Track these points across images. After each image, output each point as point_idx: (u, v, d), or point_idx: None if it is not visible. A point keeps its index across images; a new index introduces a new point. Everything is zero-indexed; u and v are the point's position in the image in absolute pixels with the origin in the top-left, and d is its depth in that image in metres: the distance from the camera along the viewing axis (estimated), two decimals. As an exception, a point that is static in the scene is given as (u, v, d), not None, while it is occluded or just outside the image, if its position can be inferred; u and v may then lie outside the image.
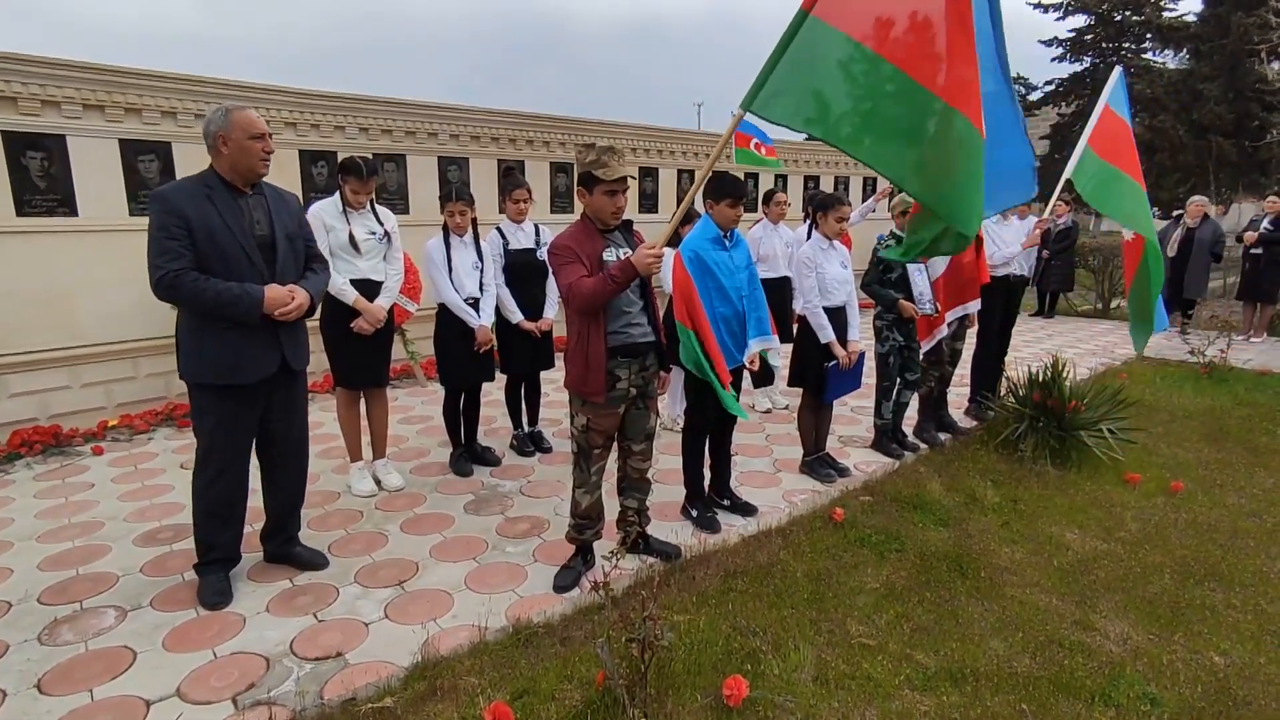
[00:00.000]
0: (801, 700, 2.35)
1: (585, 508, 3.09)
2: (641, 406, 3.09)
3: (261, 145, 2.82)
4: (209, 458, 2.93)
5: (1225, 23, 17.70)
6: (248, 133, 2.78)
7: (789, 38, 2.39)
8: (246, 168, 2.82)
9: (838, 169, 11.87)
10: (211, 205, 2.77)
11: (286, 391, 3.06)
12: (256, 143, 2.81)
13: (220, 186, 2.82)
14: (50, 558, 3.35)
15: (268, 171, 2.91)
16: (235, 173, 2.83)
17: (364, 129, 6.59)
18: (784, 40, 2.40)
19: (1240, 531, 3.65)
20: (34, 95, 4.85)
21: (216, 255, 2.75)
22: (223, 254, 2.76)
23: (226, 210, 2.79)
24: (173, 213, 2.70)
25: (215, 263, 2.75)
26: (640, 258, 2.69)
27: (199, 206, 2.74)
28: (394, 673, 2.51)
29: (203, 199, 2.76)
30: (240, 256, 2.79)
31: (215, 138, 2.78)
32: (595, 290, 2.75)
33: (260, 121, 2.84)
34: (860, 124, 2.46)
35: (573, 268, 2.81)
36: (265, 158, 2.86)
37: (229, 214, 2.79)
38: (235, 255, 2.78)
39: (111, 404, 5.36)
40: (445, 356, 4.32)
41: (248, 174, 2.85)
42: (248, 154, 2.80)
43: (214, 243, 2.75)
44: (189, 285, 2.69)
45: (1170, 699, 2.41)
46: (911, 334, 4.58)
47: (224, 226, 2.77)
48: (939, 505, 3.88)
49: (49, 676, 2.50)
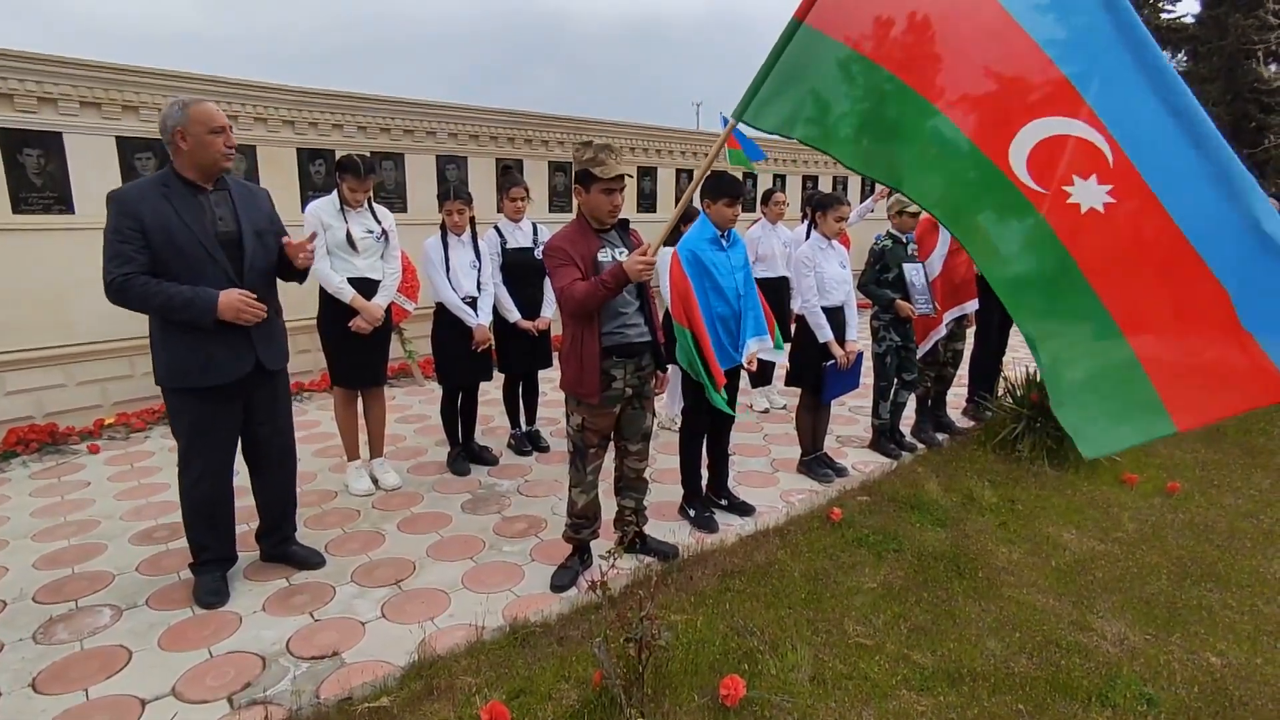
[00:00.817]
0: (799, 700, 2.35)
1: (582, 507, 3.09)
2: (638, 406, 3.08)
3: (223, 140, 2.71)
4: (189, 460, 2.90)
5: (1224, 24, 17.72)
6: (207, 126, 2.68)
7: (781, 47, 2.36)
8: (208, 163, 2.73)
9: (836, 169, 11.87)
10: (168, 204, 2.68)
11: (266, 392, 3.00)
12: (217, 137, 2.70)
13: (178, 184, 2.73)
14: (46, 556, 3.34)
15: (231, 166, 2.81)
16: (196, 169, 2.74)
17: (362, 127, 6.58)
18: (776, 49, 2.37)
19: (1237, 532, 3.66)
20: (30, 92, 4.83)
21: (175, 255, 2.67)
22: (181, 254, 2.68)
23: (185, 209, 2.70)
24: (127, 214, 2.63)
25: (174, 263, 2.67)
26: (631, 264, 2.68)
27: (155, 206, 2.66)
28: (390, 672, 2.50)
29: (159, 198, 2.68)
30: (201, 255, 2.71)
31: (173, 133, 2.68)
32: (587, 296, 2.74)
33: (220, 115, 2.73)
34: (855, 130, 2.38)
35: (566, 270, 2.80)
36: (227, 152, 2.74)
37: (187, 212, 2.70)
38: (195, 254, 2.70)
39: (107, 402, 5.34)
40: (443, 355, 4.31)
41: (209, 169, 2.75)
42: (208, 149, 2.70)
43: (172, 243, 2.67)
44: (138, 289, 2.62)
45: (1167, 699, 2.41)
46: (908, 334, 4.59)
47: (182, 226, 2.68)
48: (936, 505, 3.88)
49: (44, 675, 2.49)
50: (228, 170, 2.82)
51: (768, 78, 2.40)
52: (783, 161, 10.99)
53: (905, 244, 4.57)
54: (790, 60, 2.39)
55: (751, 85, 2.43)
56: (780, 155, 10.92)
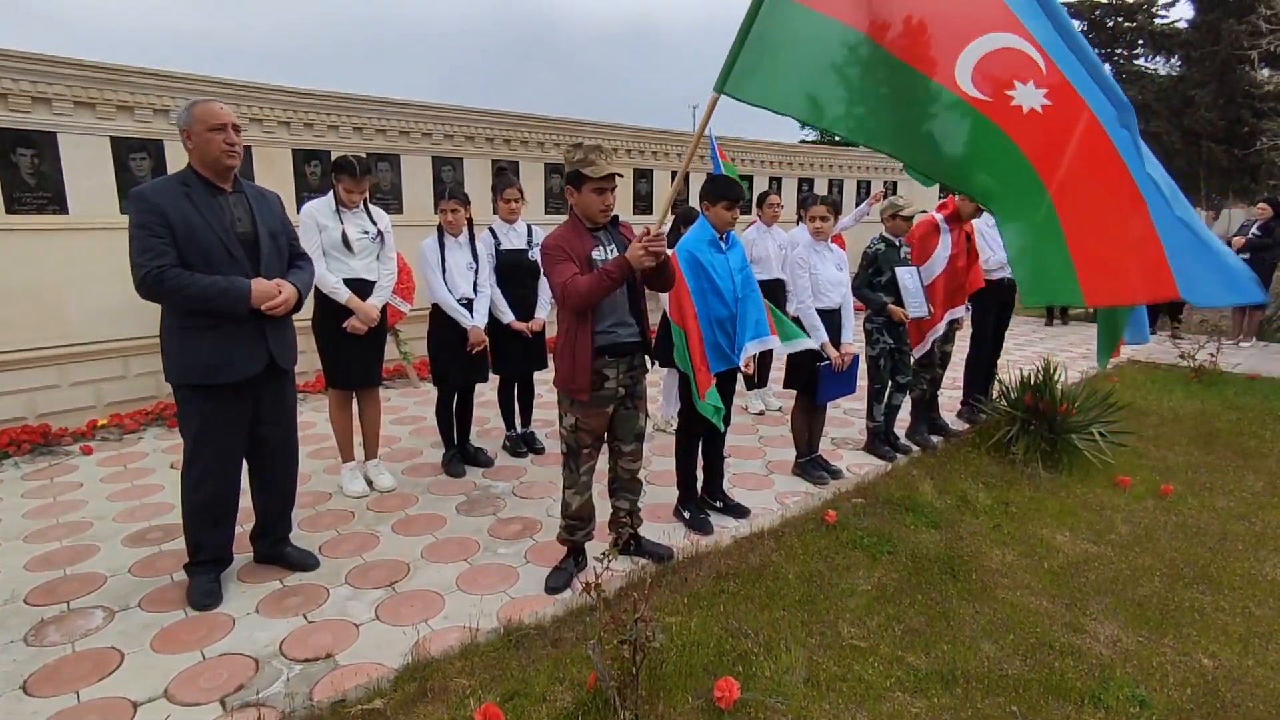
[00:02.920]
0: (793, 702, 2.35)
1: (576, 508, 3.09)
2: (630, 407, 3.09)
3: (223, 137, 2.73)
4: (196, 459, 2.90)
5: (1216, 29, 17.82)
6: (207, 125, 2.71)
7: (751, 16, 2.35)
8: (211, 160, 2.76)
9: (831, 172, 11.91)
10: (190, 203, 2.72)
11: (275, 391, 3.03)
12: (217, 134, 2.73)
13: (198, 183, 2.77)
14: (38, 558, 3.32)
15: (236, 164, 2.82)
16: (206, 168, 2.78)
17: (358, 128, 6.57)
18: (748, 18, 2.36)
19: (1229, 534, 3.67)
20: (24, 92, 4.81)
21: (198, 253, 2.71)
22: (204, 251, 2.72)
23: (205, 207, 2.74)
24: (152, 210, 2.66)
25: (197, 260, 2.71)
26: (633, 250, 2.71)
27: (178, 204, 2.70)
28: (384, 674, 2.50)
29: (181, 196, 2.72)
30: (222, 253, 2.75)
31: (182, 133, 2.75)
32: (591, 287, 2.75)
33: (222, 113, 2.75)
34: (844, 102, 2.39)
35: (565, 266, 2.81)
36: (228, 150, 2.76)
37: (208, 211, 2.74)
38: (217, 252, 2.74)
39: (101, 403, 5.32)
40: (438, 357, 4.31)
41: (215, 167, 2.78)
42: (210, 146, 2.73)
43: (195, 240, 2.70)
44: (173, 281, 2.65)
45: (1159, 701, 2.42)
46: (902, 337, 4.60)
47: (204, 224, 2.72)
48: (931, 507, 3.89)
49: (35, 677, 2.48)
50: (233, 167, 2.83)
51: (742, 49, 2.39)
52: (778, 164, 11.01)
53: (898, 247, 4.58)
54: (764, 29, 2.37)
55: (728, 57, 2.41)
56: (776, 158, 10.95)
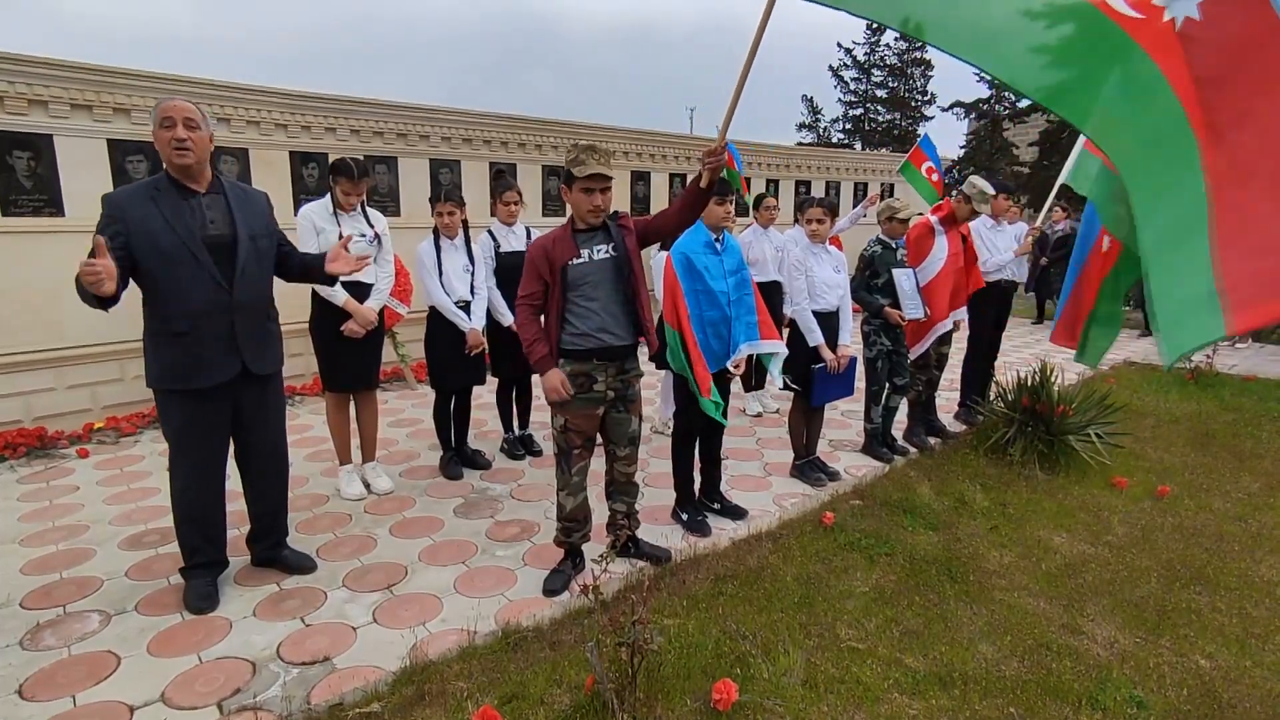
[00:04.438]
0: (790, 704, 2.35)
1: (570, 510, 3.08)
2: (622, 410, 3.08)
3: (170, 134, 2.65)
4: (178, 463, 2.89)
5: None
6: (158, 122, 2.67)
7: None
8: (165, 159, 2.72)
9: (828, 174, 11.93)
10: (154, 206, 2.69)
11: (255, 396, 2.98)
12: (165, 132, 2.65)
13: (168, 186, 2.73)
14: (33, 561, 3.31)
15: (189, 162, 2.71)
16: (170, 168, 2.74)
17: (355, 131, 6.57)
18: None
19: (1226, 535, 3.68)
20: (21, 94, 4.81)
21: (158, 257, 2.67)
22: (164, 256, 2.68)
23: (171, 211, 2.70)
24: (109, 215, 2.65)
25: (157, 265, 2.68)
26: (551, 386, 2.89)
27: (142, 208, 2.67)
28: (382, 677, 2.49)
29: (146, 200, 2.69)
30: (184, 257, 2.70)
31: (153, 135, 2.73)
32: (525, 339, 2.94)
33: (173, 109, 2.66)
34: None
35: (529, 281, 2.94)
36: (178, 147, 2.66)
37: (173, 214, 2.70)
38: (179, 256, 2.69)
39: (97, 406, 5.31)
40: (436, 359, 4.31)
41: (174, 167, 2.73)
42: (161, 145, 2.69)
43: (155, 245, 2.67)
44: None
45: (1157, 702, 2.43)
46: (899, 339, 4.61)
47: (165, 227, 2.68)
48: (928, 509, 3.89)
49: (31, 681, 2.47)
50: (186, 166, 2.72)
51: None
52: (775, 167, 11.03)
53: (895, 249, 4.59)
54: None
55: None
56: (772, 160, 10.97)
